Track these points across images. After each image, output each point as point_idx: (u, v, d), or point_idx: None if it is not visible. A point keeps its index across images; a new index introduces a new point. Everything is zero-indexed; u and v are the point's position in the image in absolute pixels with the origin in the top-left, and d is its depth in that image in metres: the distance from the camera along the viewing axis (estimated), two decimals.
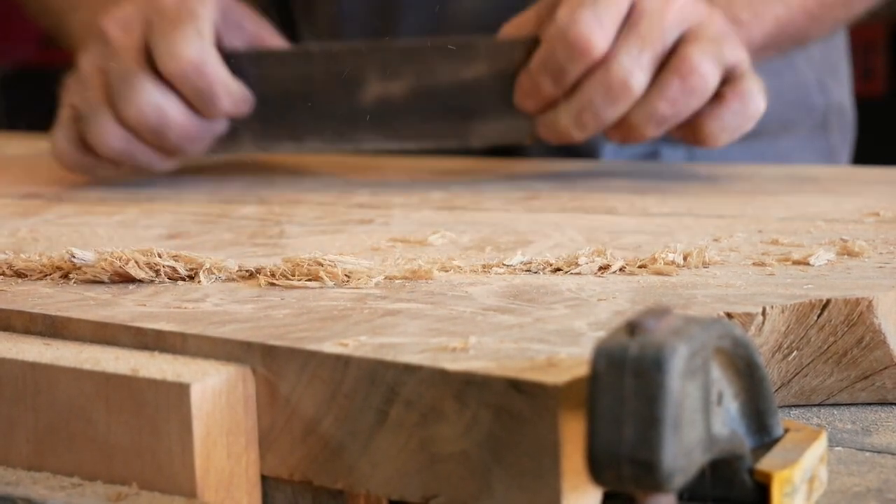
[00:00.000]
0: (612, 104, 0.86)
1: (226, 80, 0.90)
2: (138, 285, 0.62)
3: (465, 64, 0.92)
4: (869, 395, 0.59)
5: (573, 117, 0.88)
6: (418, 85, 0.93)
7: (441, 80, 0.93)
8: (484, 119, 0.93)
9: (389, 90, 0.94)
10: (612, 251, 0.65)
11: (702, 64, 0.86)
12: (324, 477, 0.49)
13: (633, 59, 0.85)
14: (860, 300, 0.57)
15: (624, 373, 0.41)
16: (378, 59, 0.94)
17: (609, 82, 0.85)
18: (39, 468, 0.51)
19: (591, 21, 0.85)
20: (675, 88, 0.86)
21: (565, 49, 0.85)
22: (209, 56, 0.89)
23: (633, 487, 0.41)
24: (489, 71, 0.92)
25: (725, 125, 0.89)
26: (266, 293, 0.60)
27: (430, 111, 0.94)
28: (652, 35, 0.86)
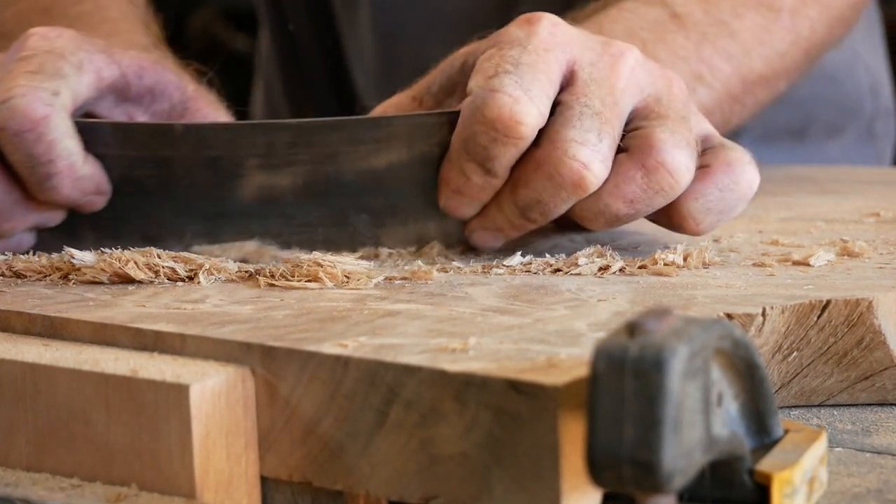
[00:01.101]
0: (563, 202, 0.67)
1: (73, 156, 0.67)
2: (138, 286, 0.62)
3: (376, 148, 0.69)
4: (869, 395, 0.59)
5: (519, 213, 0.68)
6: (314, 176, 0.69)
7: (345, 171, 0.69)
8: (400, 222, 0.71)
9: (275, 182, 0.69)
10: (612, 252, 0.65)
11: (673, 155, 0.66)
12: (323, 478, 0.49)
13: (591, 147, 0.65)
14: (860, 301, 0.57)
15: (624, 374, 0.40)
16: (261, 140, 0.69)
17: (561, 178, 0.65)
18: (39, 469, 0.51)
19: (515, 90, 0.65)
20: (635, 185, 0.66)
21: (487, 129, 0.65)
22: (56, 118, 0.67)
23: (633, 488, 0.41)
24: (407, 158, 0.69)
25: (711, 205, 0.68)
26: (266, 294, 0.60)
27: (328, 211, 0.70)
28: (606, 112, 0.66)
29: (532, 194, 0.66)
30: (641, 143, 0.66)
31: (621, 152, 0.66)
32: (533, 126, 0.65)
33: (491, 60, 0.67)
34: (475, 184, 0.67)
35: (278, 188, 0.69)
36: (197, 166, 0.69)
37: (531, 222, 0.68)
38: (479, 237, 0.70)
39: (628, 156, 0.66)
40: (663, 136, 0.66)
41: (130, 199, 0.70)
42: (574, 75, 0.67)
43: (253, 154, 0.68)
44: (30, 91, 0.66)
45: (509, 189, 0.67)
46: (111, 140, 0.69)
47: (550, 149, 0.65)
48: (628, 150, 0.66)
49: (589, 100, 0.66)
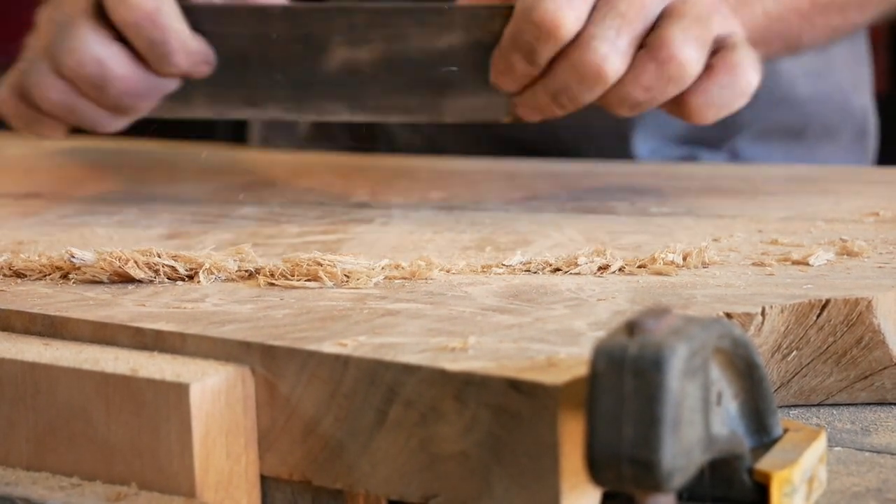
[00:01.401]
0: (587, 89, 0.78)
1: (183, 35, 0.82)
2: (138, 285, 0.62)
3: (440, 32, 0.83)
4: (868, 395, 0.59)
5: (549, 98, 0.81)
6: (388, 52, 0.84)
7: (413, 49, 0.83)
8: (459, 93, 0.84)
9: (356, 56, 0.84)
10: (611, 251, 0.65)
11: (682, 49, 0.77)
12: (323, 477, 0.49)
13: (610, 43, 0.76)
14: (860, 300, 0.57)
15: (623, 373, 0.41)
16: (344, 21, 0.84)
17: (583, 68, 0.77)
18: (39, 468, 0.51)
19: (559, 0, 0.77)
20: (650, 75, 0.77)
21: (532, 29, 0.77)
22: (165, 6, 0.81)
23: (633, 487, 0.41)
24: (465, 41, 0.83)
25: (713, 100, 0.79)
26: (265, 293, 0.60)
27: (400, 82, 0.84)
28: (630, 13, 0.77)
29: (560, 82, 0.78)
30: (657, 40, 0.77)
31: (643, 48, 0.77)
32: (570, 29, 0.77)
33: None
34: (519, 70, 0.80)
35: (358, 61, 0.84)
36: (290, 42, 0.84)
37: (562, 107, 0.80)
38: (521, 112, 0.83)
39: (646, 51, 0.77)
40: (676, 32, 0.77)
41: (233, 70, 0.85)
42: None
43: (337, 32, 0.84)
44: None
45: (543, 76, 0.79)
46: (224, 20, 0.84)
47: (577, 44, 0.77)
48: (646, 46, 0.77)
49: (616, 4, 0.77)
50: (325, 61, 0.84)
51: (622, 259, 0.64)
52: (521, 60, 0.79)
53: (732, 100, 0.79)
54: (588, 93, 0.78)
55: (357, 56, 0.84)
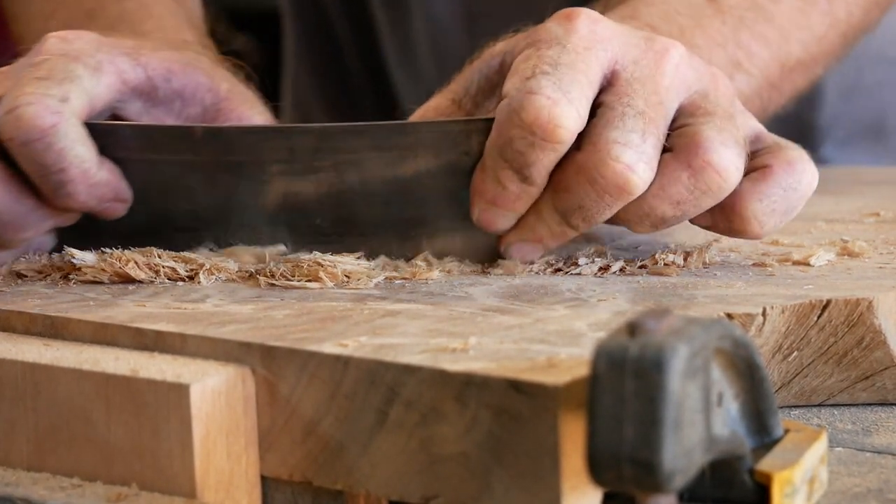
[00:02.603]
0: (607, 206, 0.63)
1: (85, 162, 0.65)
2: (138, 286, 0.62)
3: (402, 157, 0.65)
4: (869, 395, 0.59)
5: (557, 220, 0.65)
6: (338, 184, 0.66)
7: (370, 179, 0.65)
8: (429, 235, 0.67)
9: (298, 190, 0.66)
10: (612, 252, 0.65)
11: (720, 153, 0.63)
12: (323, 477, 0.49)
13: (635, 149, 0.62)
14: (860, 300, 0.57)
15: (624, 373, 0.41)
16: (283, 144, 0.66)
17: (604, 180, 0.62)
18: (39, 469, 0.51)
19: (553, 93, 0.62)
20: (681, 185, 0.63)
21: (524, 134, 0.62)
22: (66, 125, 0.64)
23: (634, 488, 0.41)
24: (435, 166, 0.65)
25: (775, 206, 0.65)
26: (266, 294, 0.60)
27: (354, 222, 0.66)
28: (650, 112, 0.63)
29: (574, 200, 0.63)
30: (687, 142, 0.63)
31: (666, 152, 0.63)
32: (572, 129, 0.62)
33: (528, 61, 0.64)
34: (511, 192, 0.63)
35: (301, 195, 0.66)
36: (219, 171, 0.66)
37: (573, 229, 0.64)
38: (516, 250, 0.66)
39: (674, 156, 0.63)
40: (710, 133, 0.63)
41: (151, 203, 0.67)
42: (616, 74, 0.64)
43: (275, 159, 0.66)
44: (37, 99, 0.64)
45: (549, 196, 0.64)
46: (131, 143, 0.67)
47: (592, 151, 0.62)
48: (673, 149, 0.64)
49: (632, 99, 0.63)
50: (261, 195, 0.67)
51: (623, 259, 0.64)
52: (512, 178, 0.63)
53: (796, 203, 0.66)
54: (608, 210, 0.63)
55: (300, 189, 0.66)
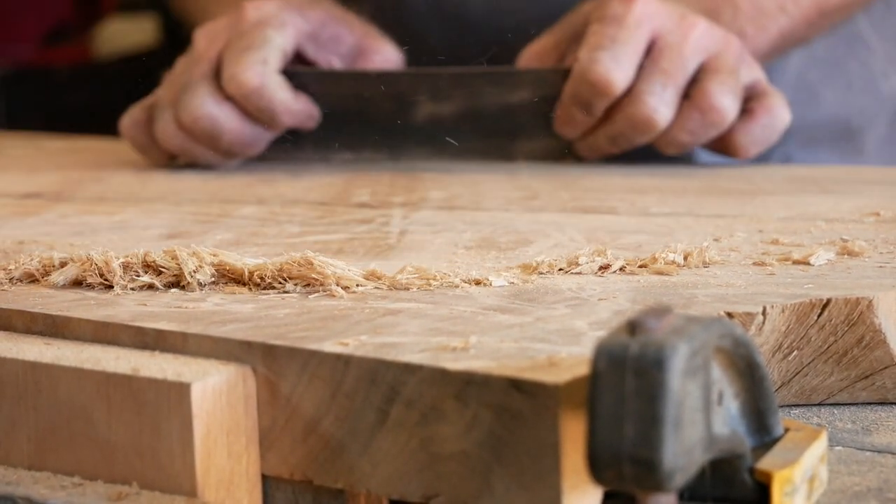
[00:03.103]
0: (640, 135, 0.96)
1: (286, 101, 1.00)
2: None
3: (511, 90, 1.02)
4: (869, 394, 0.59)
5: (607, 142, 0.98)
6: (467, 107, 1.02)
7: (488, 104, 1.02)
8: (527, 139, 1.03)
9: (440, 111, 1.03)
10: (612, 251, 0.65)
11: (721, 100, 0.94)
12: (324, 476, 0.49)
13: (658, 96, 0.94)
14: (860, 300, 0.57)
15: (625, 372, 0.41)
16: (429, 82, 1.03)
17: (636, 118, 0.94)
18: (40, 468, 0.51)
19: (609, 62, 0.93)
20: (695, 122, 0.95)
21: (588, 87, 0.95)
22: (269, 81, 0.99)
23: (634, 487, 0.41)
24: (532, 97, 1.01)
25: (756, 138, 0.98)
26: (266, 292, 0.59)
27: (477, 131, 1.03)
28: (673, 69, 0.94)
29: (617, 128, 0.97)
30: (698, 93, 0.96)
31: (687, 98, 0.96)
32: (620, 87, 0.95)
33: (594, 36, 0.96)
34: (578, 120, 0.98)
35: (441, 114, 1.04)
36: (385, 99, 1.04)
37: (619, 148, 0.99)
38: (582, 152, 1.02)
39: (690, 101, 0.96)
40: (715, 86, 0.95)
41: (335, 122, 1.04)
42: (654, 42, 0.96)
43: (423, 91, 1.04)
44: (247, 66, 0.99)
45: (601, 123, 0.98)
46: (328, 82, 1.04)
47: (629, 98, 0.95)
48: (691, 96, 0.96)
49: (660, 61, 0.95)
50: (413, 115, 1.04)
51: (623, 259, 0.64)
52: (579, 112, 0.97)
53: (772, 136, 0.99)
54: (641, 138, 0.97)
55: (440, 111, 1.03)
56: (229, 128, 1.01)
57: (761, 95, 0.99)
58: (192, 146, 1.03)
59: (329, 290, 0.59)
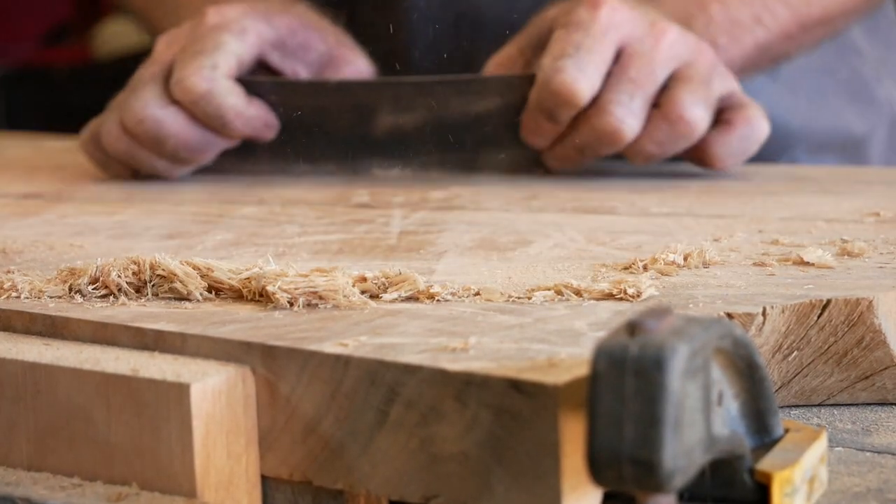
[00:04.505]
0: (607, 146, 0.91)
1: (237, 107, 0.94)
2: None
3: (476, 99, 0.96)
4: (869, 395, 0.59)
5: (575, 152, 0.93)
6: (430, 118, 0.97)
7: (452, 114, 0.97)
8: (493, 150, 0.98)
9: (402, 122, 0.98)
10: (612, 251, 0.65)
11: (691, 110, 0.89)
12: (324, 477, 0.49)
13: (625, 106, 0.89)
14: (860, 300, 0.57)
15: (624, 373, 0.41)
16: (391, 93, 0.98)
17: (602, 129, 0.89)
18: (39, 468, 0.51)
19: (574, 70, 0.88)
20: (663, 132, 0.90)
21: (552, 97, 0.89)
22: (218, 86, 0.93)
23: (634, 487, 0.41)
24: (498, 106, 0.96)
25: (733, 150, 0.93)
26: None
27: (441, 142, 0.97)
28: (642, 78, 0.89)
29: (582, 140, 0.91)
30: (668, 101, 0.90)
31: (656, 107, 0.90)
32: (585, 96, 0.89)
33: (558, 43, 0.90)
34: (545, 129, 0.93)
35: (404, 126, 0.98)
36: (344, 109, 0.98)
37: (586, 158, 0.94)
38: (550, 163, 0.97)
39: (658, 111, 0.90)
40: (684, 95, 0.89)
41: (293, 133, 0.98)
42: (623, 50, 0.90)
43: (384, 101, 0.98)
44: (193, 72, 0.93)
45: (568, 133, 0.92)
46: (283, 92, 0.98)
47: (595, 108, 0.90)
48: (660, 106, 0.90)
49: (628, 69, 0.89)
50: (374, 126, 0.98)
51: (623, 259, 0.64)
52: (545, 122, 0.92)
53: (750, 148, 0.93)
54: (608, 148, 0.91)
55: (402, 122, 0.98)
56: (174, 131, 0.95)
57: (739, 106, 0.93)
58: (137, 150, 0.97)
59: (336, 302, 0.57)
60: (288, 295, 0.56)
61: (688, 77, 0.90)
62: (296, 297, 0.56)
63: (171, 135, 0.95)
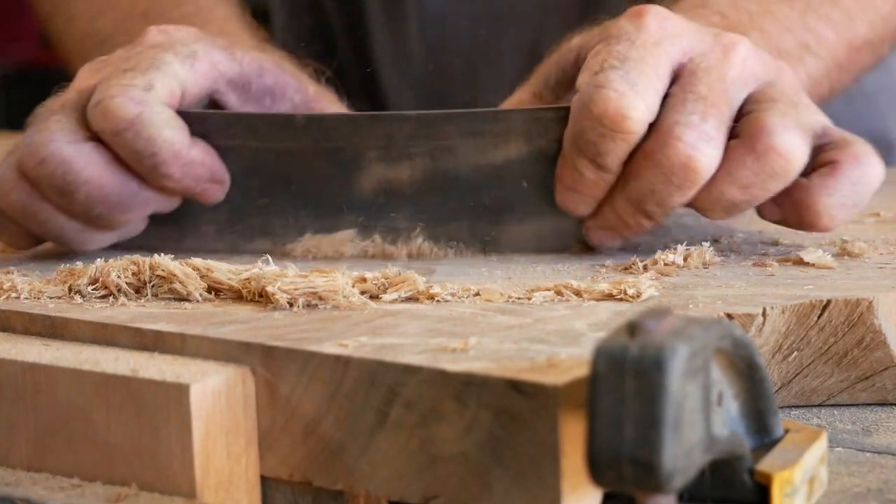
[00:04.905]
0: (677, 189, 0.65)
1: (175, 143, 0.68)
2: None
3: (496, 142, 0.69)
4: (869, 395, 0.59)
5: (632, 209, 0.67)
6: (433, 170, 0.69)
7: (463, 165, 0.69)
8: (519, 219, 0.70)
9: (394, 176, 0.69)
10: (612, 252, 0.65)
11: (783, 137, 0.65)
12: (323, 477, 0.49)
13: (695, 128, 0.65)
14: (860, 301, 0.57)
15: (624, 373, 0.40)
16: (381, 131, 0.70)
17: (669, 165, 0.64)
18: (39, 469, 0.51)
19: (621, 86, 0.65)
20: (747, 169, 0.65)
21: (594, 125, 0.65)
22: (151, 112, 0.68)
23: (633, 488, 0.41)
24: (525, 152, 0.69)
25: (844, 200, 0.67)
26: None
27: (448, 207, 0.69)
28: (712, 96, 0.66)
29: (644, 185, 0.66)
30: (752, 128, 0.66)
31: (734, 139, 0.66)
32: (640, 120, 0.65)
33: (598, 56, 0.67)
34: (588, 180, 0.67)
35: (397, 181, 0.69)
36: (318, 157, 0.70)
37: (647, 217, 0.67)
38: (595, 236, 0.69)
39: (740, 141, 0.66)
40: (773, 119, 0.66)
41: (249, 190, 0.71)
42: (683, 67, 0.67)
43: (373, 146, 0.69)
44: (121, 91, 0.68)
45: (621, 184, 0.67)
46: (232, 130, 0.70)
47: (656, 135, 0.65)
48: (740, 135, 0.66)
49: (694, 86, 0.66)
50: (358, 182, 0.70)
51: (624, 260, 0.64)
52: (587, 166, 0.66)
53: (864, 196, 0.68)
54: (678, 193, 0.65)
55: (395, 175, 0.69)
56: (87, 176, 0.68)
57: (841, 143, 0.68)
58: (39, 205, 0.70)
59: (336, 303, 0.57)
60: (287, 295, 0.56)
61: (772, 97, 0.68)
62: (295, 297, 0.56)
63: (82, 181, 0.68)
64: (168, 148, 0.68)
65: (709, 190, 0.65)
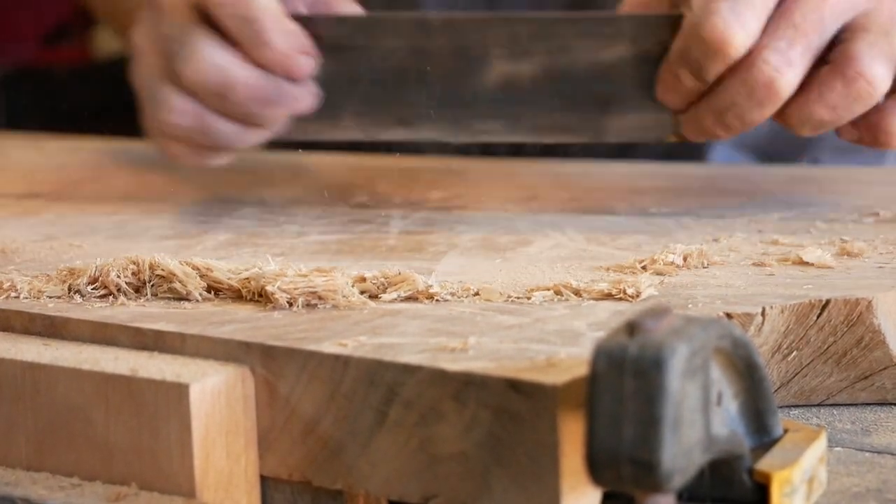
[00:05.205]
0: (757, 106, 0.74)
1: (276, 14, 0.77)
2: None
3: (607, 43, 0.78)
4: (868, 395, 0.59)
5: (715, 117, 0.76)
6: (550, 66, 0.78)
7: (577, 62, 0.78)
8: (623, 111, 0.79)
9: (517, 71, 0.79)
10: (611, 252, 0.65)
11: (870, 66, 0.73)
12: (323, 477, 0.49)
13: (781, 54, 0.73)
14: (860, 300, 0.57)
15: (623, 373, 0.41)
16: (505, 32, 0.79)
17: (753, 83, 0.73)
18: (39, 468, 0.51)
19: (729, 15, 0.73)
20: (836, 93, 0.74)
21: (701, 46, 0.74)
22: None
23: (633, 487, 0.41)
24: (632, 53, 0.78)
25: None
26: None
27: (562, 99, 0.79)
28: (805, 25, 0.74)
29: (727, 98, 0.74)
30: (842, 56, 0.74)
31: (826, 64, 0.74)
32: (739, 46, 0.73)
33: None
34: (686, 85, 0.76)
35: (518, 76, 0.79)
36: (447, 55, 0.79)
37: (728, 127, 0.75)
38: (686, 131, 0.78)
39: (831, 67, 0.74)
40: (862, 48, 0.74)
41: (383, 86, 0.80)
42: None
43: (497, 45, 0.79)
44: None
45: (709, 93, 0.75)
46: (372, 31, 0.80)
47: (747, 56, 0.73)
48: (831, 62, 0.74)
49: (791, 14, 0.74)
50: (484, 77, 0.79)
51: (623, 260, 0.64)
52: (688, 76, 0.76)
53: None
54: (758, 110, 0.74)
55: (518, 71, 0.79)
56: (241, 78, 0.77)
57: None
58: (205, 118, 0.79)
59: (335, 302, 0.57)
60: (287, 295, 0.56)
61: (864, 27, 0.75)
62: (295, 297, 0.56)
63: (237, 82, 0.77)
64: (270, 16, 0.76)
65: (800, 109, 0.74)
